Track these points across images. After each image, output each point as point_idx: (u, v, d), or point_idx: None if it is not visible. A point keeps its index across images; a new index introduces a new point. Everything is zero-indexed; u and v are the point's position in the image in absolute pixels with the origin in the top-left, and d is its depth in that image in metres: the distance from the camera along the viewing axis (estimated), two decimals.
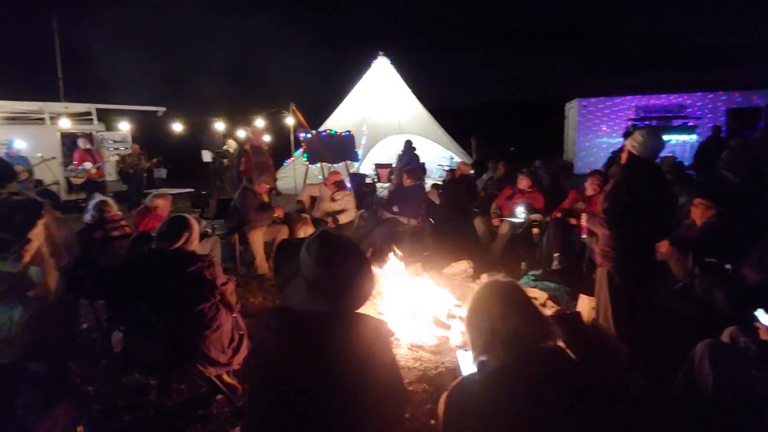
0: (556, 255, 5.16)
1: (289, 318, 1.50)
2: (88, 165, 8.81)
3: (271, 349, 1.48)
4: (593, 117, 14.21)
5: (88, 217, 3.62)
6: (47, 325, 2.09)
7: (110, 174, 10.33)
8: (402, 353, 3.32)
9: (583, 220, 3.27)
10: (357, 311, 1.53)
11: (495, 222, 5.70)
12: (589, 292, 3.81)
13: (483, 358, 1.32)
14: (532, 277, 5.09)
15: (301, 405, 1.42)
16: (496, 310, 1.32)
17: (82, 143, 9.05)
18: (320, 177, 10.28)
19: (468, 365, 1.67)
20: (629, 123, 13.18)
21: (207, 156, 9.98)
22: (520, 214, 5.61)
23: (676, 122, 13.22)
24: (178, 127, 10.89)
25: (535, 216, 5.59)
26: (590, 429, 1.23)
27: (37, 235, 2.04)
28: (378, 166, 11.27)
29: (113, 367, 3.19)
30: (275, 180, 9.92)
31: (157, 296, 2.50)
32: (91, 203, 3.73)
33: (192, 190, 9.81)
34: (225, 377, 2.76)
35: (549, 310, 3.82)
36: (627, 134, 9.38)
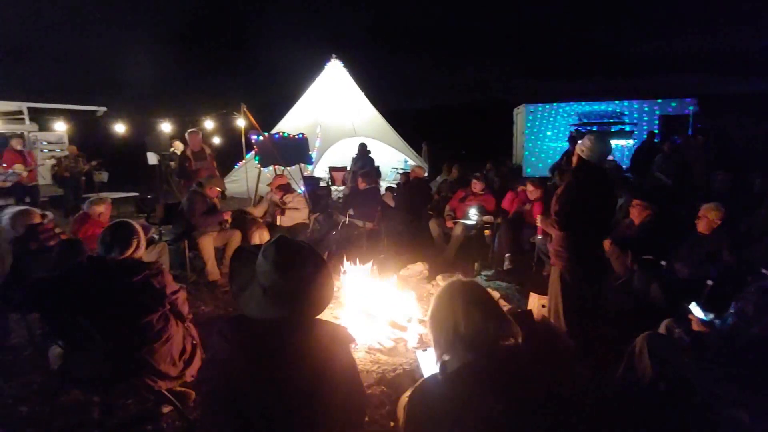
0: (507, 255, 5.34)
1: (245, 326, 1.46)
2: (18, 167, 8.16)
3: (226, 359, 1.43)
4: (540, 122, 14.82)
5: (7, 228, 3.24)
6: None
7: (44, 177, 9.63)
8: (359, 357, 3.31)
9: (538, 221, 3.42)
10: (315, 317, 1.52)
11: (449, 224, 5.82)
12: (538, 291, 3.98)
13: (446, 357, 1.34)
14: (485, 277, 5.25)
15: (259, 415, 1.39)
16: (458, 309, 1.34)
17: (15, 143, 8.37)
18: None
19: (428, 365, 1.69)
20: (573, 128, 13.85)
21: (152, 158, 9.52)
22: (473, 216, 5.76)
23: (615, 128, 14.03)
24: (120, 128, 10.32)
25: (487, 218, 5.76)
26: (553, 426, 1.28)
27: None
28: (332, 169, 11.22)
29: (49, 385, 2.98)
30: (222, 183, 9.62)
31: (100, 308, 2.36)
32: (7, 214, 3.38)
33: (136, 194, 9.34)
34: (177, 389, 2.65)
35: None
36: (571, 139, 9.86)
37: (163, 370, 2.47)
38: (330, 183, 10.68)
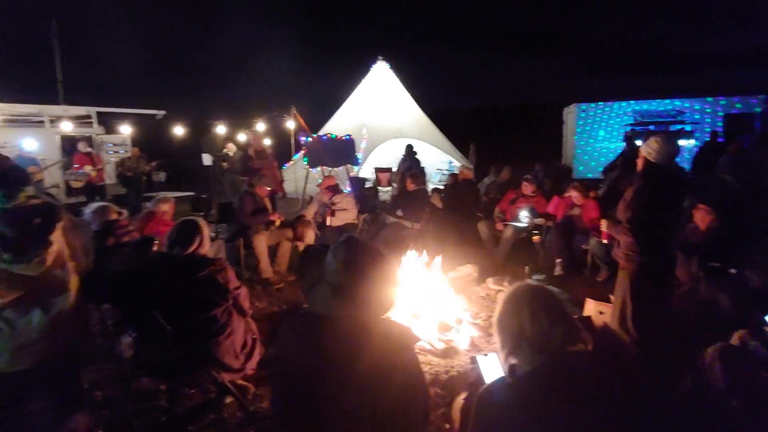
0: (558, 261, 5.19)
1: (314, 322, 1.50)
2: (88, 168, 8.77)
3: (297, 354, 1.48)
4: (592, 122, 14.31)
5: (90, 222, 3.55)
6: (65, 330, 2.08)
7: (110, 177, 10.29)
8: None
9: (603, 226, 3.31)
10: (382, 317, 1.55)
11: (499, 226, 5.73)
12: (595, 297, 3.85)
13: (513, 361, 1.33)
14: (535, 282, 5.12)
15: (328, 409, 1.43)
16: (525, 312, 1.33)
17: (82, 146, 9.01)
18: (320, 181, 10.30)
19: (489, 370, 1.68)
20: (628, 128, 13.27)
21: (207, 159, 9.94)
22: (524, 218, 5.64)
23: (674, 127, 13.32)
24: (178, 130, 10.87)
25: (539, 220, 5.62)
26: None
27: (57, 238, 2.03)
28: (378, 170, 11.29)
29: (122, 372, 3.18)
30: (282, 182, 9.90)
31: (170, 301, 2.50)
32: (90, 209, 3.67)
33: (192, 193, 9.78)
34: (238, 381, 2.76)
35: None
36: (627, 139, 9.46)
37: (226, 362, 2.58)
38: (375, 184, 10.76)
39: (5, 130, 9.30)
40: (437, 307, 3.78)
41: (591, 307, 3.64)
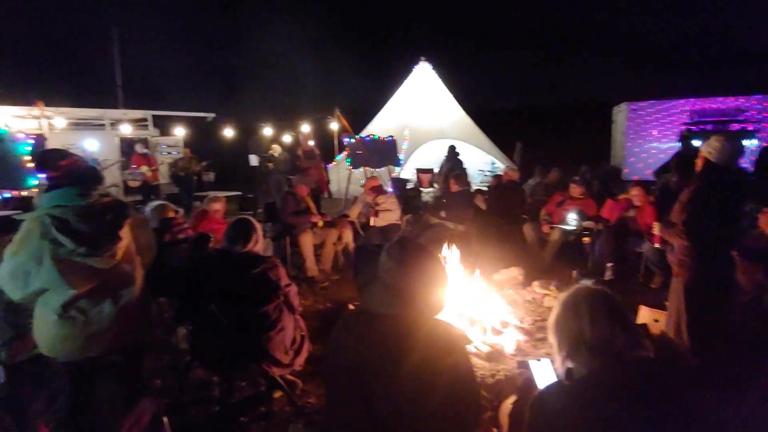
0: (609, 265, 5.01)
1: (368, 320, 1.53)
2: (144, 168, 9.26)
3: (351, 350, 1.52)
4: (643, 121, 13.69)
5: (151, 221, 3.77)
6: (131, 321, 2.21)
7: (163, 177, 10.82)
8: None
9: (656, 229, 3.17)
10: (435, 317, 1.56)
11: (545, 229, 5.59)
12: (649, 304, 3.69)
13: (570, 364, 1.31)
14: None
15: (380, 405, 1.46)
16: (584, 316, 1.30)
17: (139, 148, 9.53)
18: (362, 182, 10.41)
19: (542, 375, 1.65)
20: (683, 128, 12.60)
21: (254, 160, 10.28)
22: (572, 221, 5.48)
23: (733, 126, 12.54)
24: (227, 132, 11.30)
25: (588, 223, 5.44)
26: None
27: (125, 234, 2.17)
28: (419, 171, 11.27)
29: (178, 362, 3.35)
30: (328, 182, 10.08)
31: (225, 296, 2.61)
32: (150, 207, 3.88)
33: (239, 193, 10.13)
34: (287, 376, 2.84)
35: None
36: (683, 138, 8.99)
37: (277, 357, 2.66)
38: (416, 185, 10.75)
39: (70, 133, 9.97)
40: (482, 310, 3.74)
41: (645, 315, 3.50)
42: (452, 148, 10.11)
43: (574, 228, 5.48)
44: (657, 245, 4.60)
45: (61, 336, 2.07)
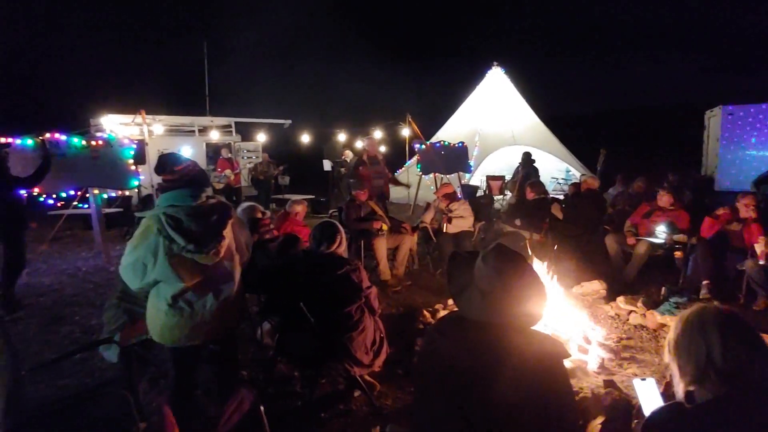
0: (704, 282, 4.61)
1: (463, 326, 1.54)
2: (228, 172, 9.91)
3: (446, 355, 1.53)
4: (740, 127, 12.49)
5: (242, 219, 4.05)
6: (229, 314, 2.39)
7: (244, 180, 11.51)
8: None
9: (762, 244, 2.89)
10: (531, 326, 1.54)
11: (630, 241, 5.26)
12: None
13: (692, 388, 1.23)
14: (674, 305, 4.60)
15: (475, 414, 1.46)
16: (714, 338, 1.22)
17: (224, 152, 10.23)
18: (432, 188, 10.41)
19: (647, 395, 1.57)
20: None
21: (327, 165, 10.66)
22: (661, 233, 5.12)
23: None
24: (302, 138, 11.82)
25: (680, 237, 5.05)
26: None
27: (228, 233, 2.34)
28: (489, 178, 11.06)
29: (262, 355, 3.54)
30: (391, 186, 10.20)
31: (311, 295, 2.73)
32: (241, 207, 4.16)
33: (312, 196, 10.52)
34: (365, 376, 2.91)
35: None
36: None
37: (358, 357, 2.74)
38: (487, 191, 10.57)
39: (166, 138, 10.91)
40: (564, 323, 3.60)
41: None
42: (527, 155, 9.84)
43: (663, 241, 5.11)
44: (762, 262, 4.19)
45: (170, 324, 2.27)
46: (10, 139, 5.65)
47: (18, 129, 6.42)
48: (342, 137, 11.12)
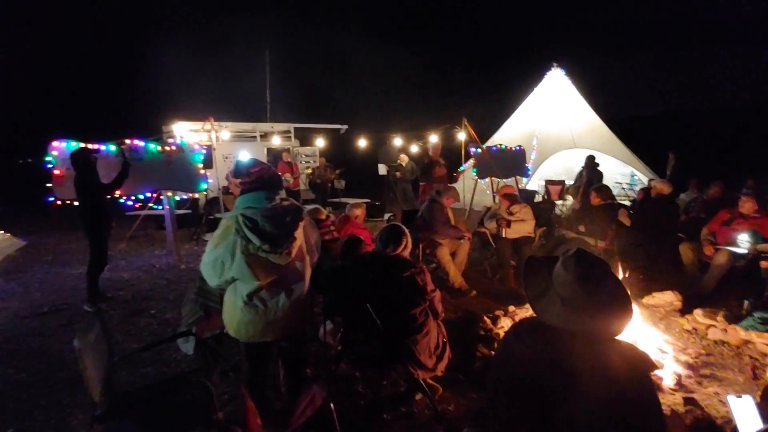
0: None
1: (545, 333, 1.51)
2: (288, 176, 10.25)
3: (526, 361, 1.50)
4: None
5: None
6: (299, 312, 2.47)
7: (302, 183, 11.85)
8: None
9: None
10: (615, 336, 1.48)
11: (708, 250, 4.92)
12: None
13: None
14: (759, 320, 4.24)
15: (556, 420, 1.42)
16: None
17: (285, 157, 10.60)
18: (488, 192, 10.22)
19: (743, 413, 1.47)
20: None
21: (382, 169, 10.75)
22: (743, 242, 4.74)
23: None
24: (359, 142, 12.02)
25: (764, 246, 4.66)
26: None
27: (299, 234, 2.43)
28: (548, 182, 10.71)
29: (324, 354, 3.62)
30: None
31: (376, 297, 2.77)
32: (307, 209, 4.31)
33: (368, 200, 10.65)
34: (428, 380, 2.91)
35: None
36: None
37: (422, 360, 2.74)
38: (546, 196, 10.24)
39: (230, 144, 11.45)
40: (638, 336, 3.43)
41: None
42: (591, 159, 9.45)
43: (746, 251, 4.73)
44: None
45: (245, 320, 2.39)
46: (98, 146, 6.15)
47: (101, 135, 7.00)
48: (398, 141, 11.18)
